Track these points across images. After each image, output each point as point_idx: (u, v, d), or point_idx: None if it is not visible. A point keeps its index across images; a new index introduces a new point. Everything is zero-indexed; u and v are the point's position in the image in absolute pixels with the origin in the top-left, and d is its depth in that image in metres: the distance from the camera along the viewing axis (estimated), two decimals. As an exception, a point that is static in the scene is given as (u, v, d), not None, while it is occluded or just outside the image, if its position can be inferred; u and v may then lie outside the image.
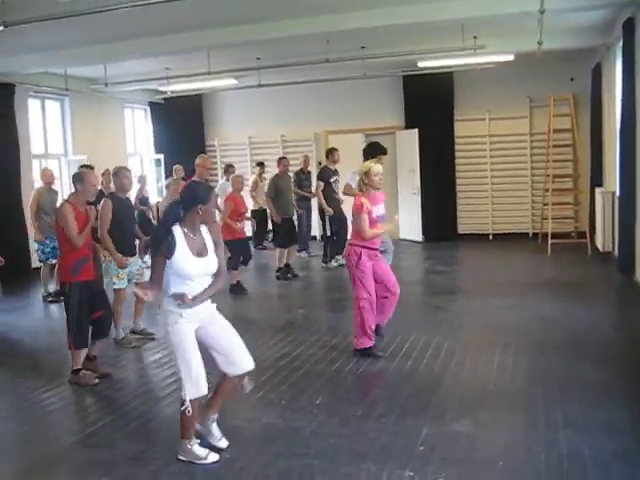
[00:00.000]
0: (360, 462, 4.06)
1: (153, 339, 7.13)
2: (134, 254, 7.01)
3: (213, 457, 4.14)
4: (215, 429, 4.35)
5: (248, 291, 9.47)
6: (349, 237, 6.39)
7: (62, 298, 6.36)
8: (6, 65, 10.67)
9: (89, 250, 6.02)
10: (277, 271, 10.74)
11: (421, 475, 3.87)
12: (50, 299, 9.48)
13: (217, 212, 10.29)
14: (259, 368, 5.82)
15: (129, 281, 6.98)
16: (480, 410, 4.81)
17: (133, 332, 7.25)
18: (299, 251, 12.28)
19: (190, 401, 4.02)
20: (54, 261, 9.33)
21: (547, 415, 4.65)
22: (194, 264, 4.04)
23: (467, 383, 5.52)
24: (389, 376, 5.74)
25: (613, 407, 4.77)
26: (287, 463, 4.09)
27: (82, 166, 8.08)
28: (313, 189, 12.06)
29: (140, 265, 7.12)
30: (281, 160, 11.51)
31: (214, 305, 4.31)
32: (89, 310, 5.88)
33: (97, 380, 5.82)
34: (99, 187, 7.70)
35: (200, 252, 4.10)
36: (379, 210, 6.26)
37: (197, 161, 8.48)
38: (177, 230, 4.05)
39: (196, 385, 4.02)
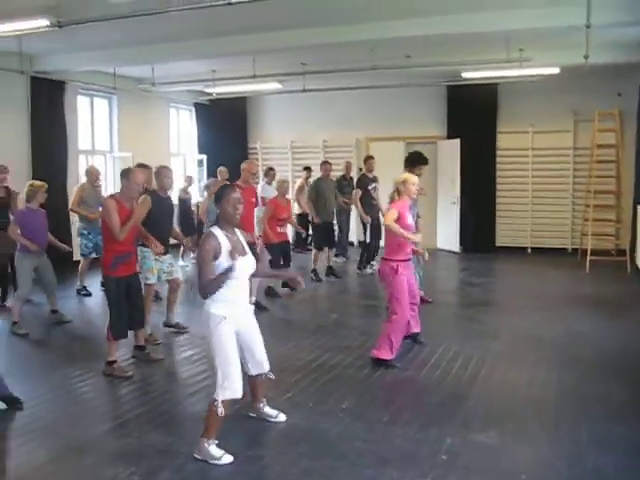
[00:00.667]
0: (382, 467, 4.11)
1: (187, 332, 7.38)
2: (167, 252, 7.16)
3: (227, 459, 4.19)
4: (269, 410, 4.83)
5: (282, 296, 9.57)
6: (383, 251, 6.42)
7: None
8: (58, 63, 11.00)
9: (131, 246, 6.17)
10: (312, 272, 10.84)
11: (442, 484, 3.90)
12: (84, 293, 9.69)
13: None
14: (290, 370, 6.03)
15: (159, 278, 7.17)
16: (506, 423, 4.81)
17: (166, 325, 7.49)
18: (336, 256, 12.34)
19: (222, 402, 4.14)
20: (95, 256, 9.58)
21: (572, 431, 4.64)
22: (237, 263, 4.13)
23: (494, 395, 5.51)
24: (417, 384, 5.77)
25: (639, 427, 4.73)
26: (309, 463, 4.16)
27: (138, 165, 8.22)
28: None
29: (170, 263, 7.28)
30: (324, 164, 11.67)
31: (252, 308, 4.51)
32: (128, 303, 6.05)
33: (130, 373, 5.98)
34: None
35: (241, 252, 4.25)
36: (409, 219, 6.31)
37: (243, 165, 8.59)
38: (217, 231, 4.22)
39: (232, 387, 4.15)
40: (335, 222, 12.04)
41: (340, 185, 12.23)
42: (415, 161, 8.17)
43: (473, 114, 13.77)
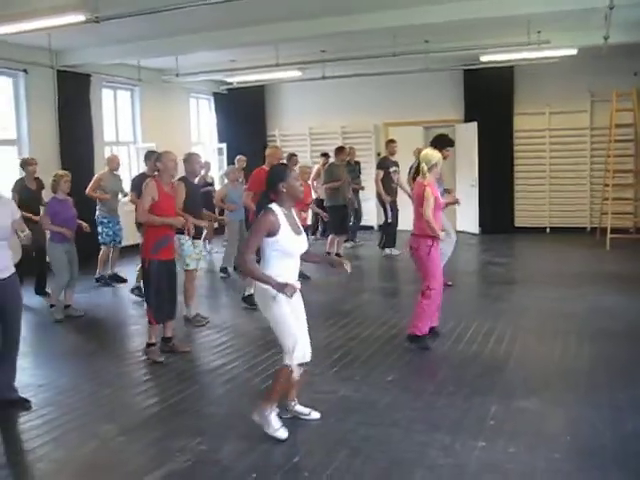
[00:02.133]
0: (434, 433, 4.37)
1: (208, 323, 7.49)
2: (199, 238, 7.38)
3: (283, 433, 4.33)
4: (300, 408, 4.70)
5: (310, 278, 9.78)
6: (413, 228, 6.41)
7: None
8: (84, 57, 11.26)
9: (171, 231, 6.36)
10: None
11: (492, 446, 4.15)
12: (104, 281, 9.80)
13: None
14: (331, 347, 6.29)
15: (197, 262, 7.36)
16: (546, 390, 5.07)
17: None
18: (345, 241, 12.51)
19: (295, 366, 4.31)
20: (114, 245, 9.79)
21: (610, 396, 4.90)
22: (296, 242, 4.32)
23: (531, 366, 5.79)
24: (456, 358, 6.01)
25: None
26: (367, 430, 4.43)
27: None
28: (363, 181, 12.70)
29: (200, 249, 7.49)
30: (340, 149, 11.92)
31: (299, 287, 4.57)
32: (167, 287, 6.25)
33: (162, 359, 6.15)
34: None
35: (297, 230, 4.38)
36: (440, 198, 6.45)
37: (268, 151, 8.73)
38: (277, 208, 4.30)
39: (300, 352, 4.28)
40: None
41: (347, 170, 12.44)
42: (443, 143, 8.33)
43: (490, 97, 13.94)
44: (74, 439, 4.56)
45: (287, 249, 4.29)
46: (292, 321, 4.31)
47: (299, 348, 4.28)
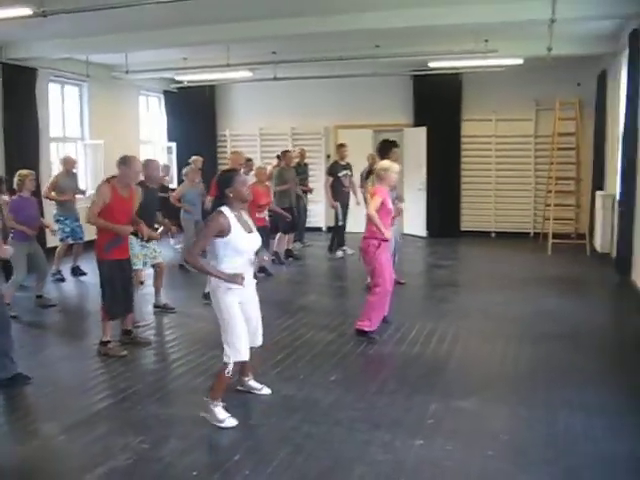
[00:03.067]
0: (374, 431, 4.46)
1: (174, 312, 7.75)
2: (149, 240, 7.36)
3: (231, 422, 4.56)
4: (254, 383, 5.14)
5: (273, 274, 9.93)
6: (364, 231, 6.73)
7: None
8: (31, 50, 10.98)
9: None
10: (273, 255, 11.14)
11: (431, 444, 4.27)
12: (59, 277, 9.86)
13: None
14: (277, 347, 6.35)
15: (144, 264, 7.50)
16: (485, 391, 5.22)
17: (156, 306, 7.87)
18: (294, 242, 12.61)
19: (232, 364, 4.55)
20: (71, 241, 9.89)
21: (546, 397, 5.07)
22: (247, 239, 4.58)
23: (472, 367, 5.94)
24: (398, 358, 6.13)
25: (606, 392, 5.19)
26: (309, 429, 4.50)
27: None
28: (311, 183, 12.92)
29: (154, 249, 7.60)
30: (285, 153, 11.96)
31: (254, 282, 4.85)
32: (121, 285, 6.28)
33: (125, 352, 6.23)
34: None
35: (249, 229, 4.65)
36: (389, 204, 6.66)
37: (230, 156, 8.89)
38: (226, 210, 4.55)
39: (239, 350, 4.55)
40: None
41: (296, 172, 12.55)
42: (386, 149, 8.49)
43: (438, 102, 14.16)
44: (14, 438, 4.51)
45: (238, 247, 4.54)
46: (238, 320, 4.57)
47: (239, 347, 4.55)
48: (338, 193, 11.63)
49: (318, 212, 14.56)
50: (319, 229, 14.93)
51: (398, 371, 5.81)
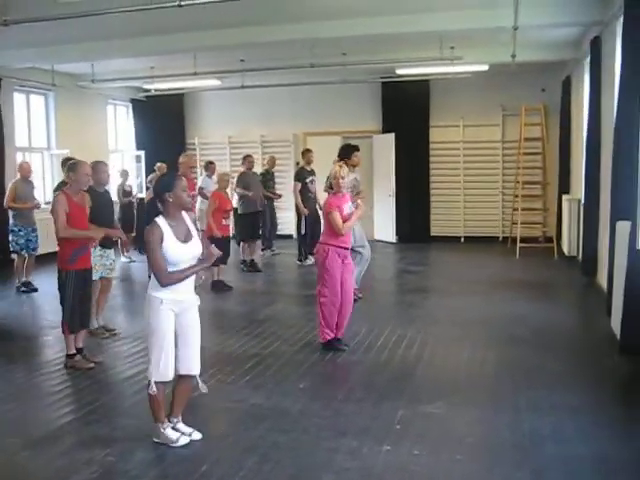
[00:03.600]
0: (341, 438, 4.45)
1: (115, 334, 7.28)
2: (111, 247, 7.20)
3: (183, 440, 4.38)
4: (183, 427, 4.52)
5: (233, 288, 9.75)
6: (320, 238, 6.70)
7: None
8: (-6, 59, 10.90)
9: (89, 240, 6.25)
10: (241, 263, 11.18)
11: (397, 449, 4.27)
12: (23, 289, 9.68)
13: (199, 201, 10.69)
14: (244, 356, 6.32)
15: (100, 275, 7.06)
16: (452, 395, 5.24)
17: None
18: (263, 249, 12.59)
19: (155, 382, 4.28)
20: (26, 253, 9.67)
21: (513, 399, 5.11)
22: (181, 249, 4.26)
23: (440, 372, 5.96)
24: (366, 365, 6.13)
25: (573, 393, 5.24)
26: (276, 438, 4.47)
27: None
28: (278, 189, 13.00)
29: (112, 259, 7.30)
30: (246, 158, 11.95)
31: (197, 298, 4.47)
32: (81, 298, 6.15)
33: (92, 364, 6.11)
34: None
35: (185, 238, 4.32)
36: (348, 208, 6.56)
37: (181, 159, 8.67)
38: (161, 221, 4.26)
39: (164, 370, 4.27)
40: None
41: (264, 179, 12.58)
42: (347, 152, 8.54)
43: (407, 109, 14.29)
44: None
45: (172, 257, 4.23)
46: (167, 337, 4.27)
47: (163, 365, 4.27)
48: (306, 200, 11.62)
49: (288, 219, 14.56)
50: (290, 236, 14.93)
51: (366, 378, 5.80)
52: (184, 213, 4.44)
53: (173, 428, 4.49)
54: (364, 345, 6.68)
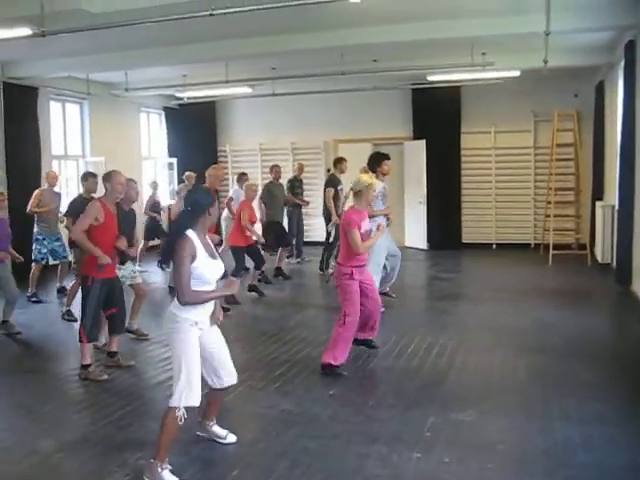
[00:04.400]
0: (372, 445, 4.45)
1: (147, 339, 7.39)
2: (124, 263, 7.05)
3: None
4: (218, 430, 4.55)
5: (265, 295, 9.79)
6: (338, 257, 6.35)
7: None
8: (31, 69, 11.15)
9: (112, 250, 6.22)
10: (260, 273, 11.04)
11: (428, 457, 4.27)
12: (34, 299, 9.60)
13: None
14: (274, 363, 6.36)
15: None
16: (483, 403, 5.21)
17: (127, 331, 7.27)
18: (288, 257, 12.47)
19: (184, 408, 3.99)
20: (44, 263, 9.70)
21: (544, 407, 5.08)
22: (212, 267, 4.10)
23: (470, 379, 5.93)
24: (397, 372, 6.12)
25: (605, 402, 5.18)
26: (306, 443, 4.49)
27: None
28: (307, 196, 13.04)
29: (133, 269, 7.34)
30: (273, 167, 12.03)
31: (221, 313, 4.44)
32: (105, 307, 6.22)
33: (106, 376, 6.10)
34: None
35: (212, 255, 4.17)
36: (366, 225, 6.24)
37: (210, 171, 8.48)
38: (193, 235, 4.03)
39: (196, 394, 4.01)
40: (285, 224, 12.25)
41: (292, 186, 12.54)
42: (378, 160, 8.45)
43: (438, 115, 14.24)
44: (12, 455, 4.52)
45: (203, 275, 4.04)
46: (197, 361, 4.05)
47: (196, 389, 4.01)
48: (337, 207, 11.57)
49: (318, 226, 14.53)
50: (320, 243, 14.91)
51: (397, 384, 5.80)
52: None
53: (207, 431, 4.52)
54: (395, 352, 6.68)
